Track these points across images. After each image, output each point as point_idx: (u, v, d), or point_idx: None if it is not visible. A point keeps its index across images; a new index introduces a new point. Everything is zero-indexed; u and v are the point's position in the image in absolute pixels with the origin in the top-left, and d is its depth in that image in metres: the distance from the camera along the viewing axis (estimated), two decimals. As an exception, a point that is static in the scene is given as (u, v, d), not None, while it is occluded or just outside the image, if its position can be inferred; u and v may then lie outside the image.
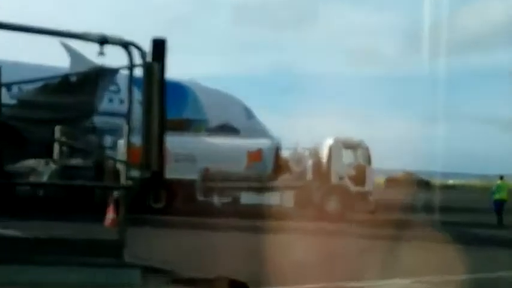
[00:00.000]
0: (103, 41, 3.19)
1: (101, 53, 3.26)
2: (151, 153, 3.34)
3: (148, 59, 3.32)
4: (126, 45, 3.25)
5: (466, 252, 10.09)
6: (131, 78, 3.44)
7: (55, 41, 12.82)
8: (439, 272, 8.97)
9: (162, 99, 3.33)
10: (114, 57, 3.55)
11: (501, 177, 21.10)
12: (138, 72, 3.39)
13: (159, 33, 3.74)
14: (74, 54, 19.05)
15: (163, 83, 3.30)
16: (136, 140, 3.55)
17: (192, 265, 3.24)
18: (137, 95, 3.49)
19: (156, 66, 3.26)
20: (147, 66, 3.28)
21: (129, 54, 3.28)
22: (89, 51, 3.59)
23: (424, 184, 44.41)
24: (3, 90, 5.37)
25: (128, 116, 3.67)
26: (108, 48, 3.30)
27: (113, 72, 16.09)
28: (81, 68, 18.53)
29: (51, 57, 22.63)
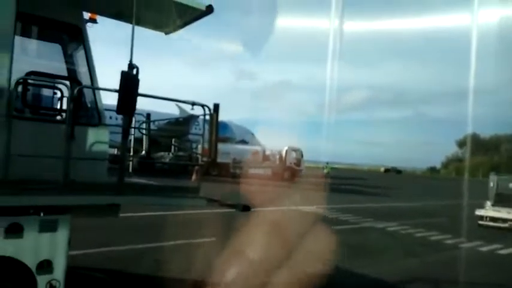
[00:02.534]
0: (193, 103, 5.15)
1: (192, 109, 5.23)
2: (212, 151, 5.28)
3: (211, 112, 5.20)
4: (202, 105, 5.14)
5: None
6: (204, 120, 5.24)
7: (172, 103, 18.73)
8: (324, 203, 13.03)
9: (217, 129, 5.23)
10: (198, 110, 5.26)
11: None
12: (207, 117, 5.23)
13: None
14: (181, 108, 33.39)
15: (217, 122, 5.24)
16: (206, 145, 5.48)
17: (225, 197, 5.44)
18: (205, 127, 5.39)
19: (215, 115, 5.16)
20: (211, 115, 5.16)
21: (204, 109, 5.14)
22: (187, 107, 5.44)
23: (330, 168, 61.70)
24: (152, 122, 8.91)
25: (203, 135, 5.65)
26: (195, 107, 5.21)
27: (197, 116, 17.80)
28: (183, 114, 32.11)
29: (172, 108, 35.23)
